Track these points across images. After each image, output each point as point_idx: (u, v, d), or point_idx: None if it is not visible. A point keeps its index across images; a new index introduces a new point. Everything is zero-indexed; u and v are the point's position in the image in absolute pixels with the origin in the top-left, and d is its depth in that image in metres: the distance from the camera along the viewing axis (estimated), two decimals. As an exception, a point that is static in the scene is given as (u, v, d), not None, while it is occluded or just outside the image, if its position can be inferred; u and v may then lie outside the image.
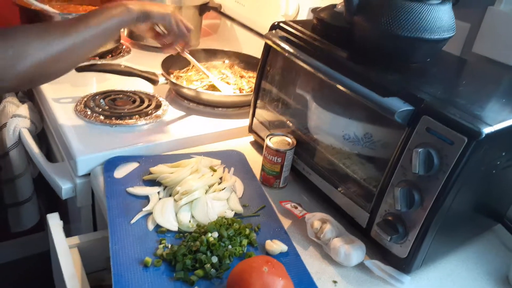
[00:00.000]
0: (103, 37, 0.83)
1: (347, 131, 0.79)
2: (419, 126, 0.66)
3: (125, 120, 1.04)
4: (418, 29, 0.72)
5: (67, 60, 0.78)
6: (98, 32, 0.80)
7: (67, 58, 0.77)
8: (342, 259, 0.74)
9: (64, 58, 0.76)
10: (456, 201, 0.66)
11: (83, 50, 0.80)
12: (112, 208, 0.80)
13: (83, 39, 0.78)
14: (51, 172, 0.98)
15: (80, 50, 0.79)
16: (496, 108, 0.70)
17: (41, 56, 0.72)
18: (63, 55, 0.75)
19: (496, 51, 0.89)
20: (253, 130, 1.06)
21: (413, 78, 0.74)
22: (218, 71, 1.29)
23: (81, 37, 0.77)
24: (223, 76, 1.27)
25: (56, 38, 0.74)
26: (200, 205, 0.80)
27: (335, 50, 0.83)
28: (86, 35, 0.78)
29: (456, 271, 0.78)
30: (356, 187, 0.79)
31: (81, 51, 0.80)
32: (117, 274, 0.67)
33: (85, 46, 0.79)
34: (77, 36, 0.77)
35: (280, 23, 0.93)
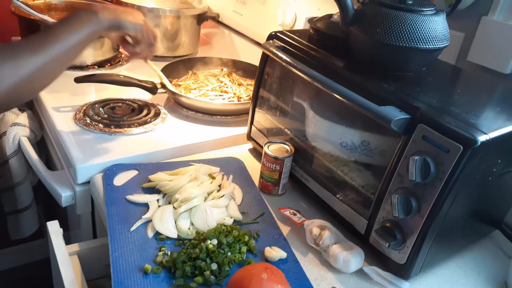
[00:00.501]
0: (75, 50, 0.79)
1: (345, 139, 0.80)
2: (415, 134, 0.67)
3: (124, 128, 1.05)
4: (413, 39, 0.73)
5: (42, 78, 0.74)
6: (69, 46, 0.76)
7: (41, 76, 0.74)
8: (341, 266, 0.74)
9: (38, 77, 0.72)
10: (453, 208, 0.67)
11: (56, 65, 0.76)
12: (111, 215, 0.81)
13: (54, 55, 0.74)
14: (50, 180, 0.98)
15: (53, 66, 0.75)
16: (491, 116, 0.71)
17: (14, 79, 0.68)
18: (36, 74, 0.72)
19: (491, 59, 0.91)
20: (252, 137, 1.06)
21: (409, 87, 0.75)
22: (216, 79, 1.31)
23: (52, 53, 0.73)
24: (221, 84, 1.28)
25: (26, 58, 0.70)
26: (199, 212, 0.81)
27: (331, 59, 0.84)
28: (56, 51, 0.74)
29: (455, 277, 0.78)
30: (354, 194, 0.80)
31: (55, 67, 0.76)
32: (117, 282, 0.68)
33: (57, 61, 0.75)
34: (48, 53, 0.73)
35: (277, 33, 0.95)
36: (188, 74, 1.34)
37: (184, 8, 1.50)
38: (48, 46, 0.73)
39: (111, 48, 1.38)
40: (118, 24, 0.85)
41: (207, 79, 1.31)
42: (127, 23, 0.87)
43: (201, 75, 1.33)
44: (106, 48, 1.36)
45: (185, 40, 1.53)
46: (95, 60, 1.36)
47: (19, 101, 0.77)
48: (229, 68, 1.39)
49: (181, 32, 1.51)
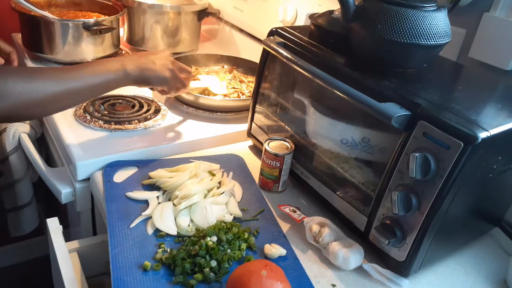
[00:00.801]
0: (92, 91, 0.81)
1: (345, 136, 0.80)
2: (416, 131, 0.67)
3: (124, 125, 1.05)
4: (415, 35, 0.73)
5: (50, 106, 0.76)
6: (85, 84, 0.78)
7: (50, 105, 0.76)
8: (340, 263, 0.74)
9: (46, 104, 0.74)
10: (453, 205, 0.67)
11: (68, 100, 0.78)
12: (111, 212, 0.81)
13: (69, 89, 0.76)
14: (50, 176, 0.98)
15: (65, 100, 0.77)
16: (492, 113, 0.71)
17: (23, 98, 0.70)
18: (46, 101, 0.74)
19: (492, 56, 0.90)
20: (252, 134, 1.06)
21: (409, 83, 0.75)
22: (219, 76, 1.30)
23: (68, 86, 0.75)
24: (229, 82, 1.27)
25: (40, 82, 0.72)
26: (199, 209, 0.81)
27: (332, 56, 0.83)
28: (72, 85, 0.76)
29: (454, 274, 0.78)
30: (354, 191, 0.80)
31: (66, 101, 0.78)
32: (116, 278, 0.68)
33: (70, 96, 0.77)
34: (62, 84, 0.75)
35: (278, 29, 0.94)
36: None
37: (185, 4, 1.49)
38: (65, 78, 0.76)
39: (111, 44, 1.38)
40: (145, 80, 0.88)
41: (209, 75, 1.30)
42: (152, 79, 0.89)
43: (203, 71, 1.33)
44: (106, 44, 1.35)
45: (185, 36, 1.53)
46: (96, 56, 1.35)
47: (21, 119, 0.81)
48: (230, 65, 1.38)
49: (182, 29, 1.51)
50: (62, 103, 0.78)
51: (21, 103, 0.70)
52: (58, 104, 0.77)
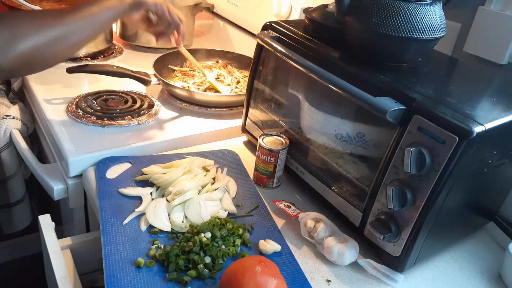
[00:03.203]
0: (96, 27, 0.84)
1: (340, 131, 0.80)
2: (410, 125, 0.66)
3: (117, 120, 1.04)
4: (409, 29, 0.72)
5: (62, 45, 0.79)
6: (91, 21, 0.82)
7: (62, 44, 0.78)
8: (335, 258, 0.74)
9: (59, 43, 0.77)
10: (449, 200, 0.66)
11: (77, 37, 0.81)
12: (104, 209, 0.80)
13: (77, 26, 0.79)
14: (42, 173, 0.97)
15: (74, 37, 0.80)
16: (487, 107, 0.71)
17: (37, 38, 0.73)
18: (58, 40, 0.77)
19: (487, 50, 0.90)
20: (246, 130, 1.06)
21: (404, 77, 0.75)
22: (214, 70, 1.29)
23: (75, 24, 0.79)
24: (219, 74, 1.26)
25: (51, 23, 0.76)
26: (193, 205, 0.80)
27: (326, 50, 0.83)
28: (80, 23, 0.80)
29: (449, 269, 0.78)
30: (349, 186, 0.79)
31: (75, 38, 0.81)
32: (109, 275, 0.67)
33: (79, 33, 0.81)
34: (72, 23, 0.78)
35: (272, 23, 0.93)
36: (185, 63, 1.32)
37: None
38: (70, 18, 0.79)
39: (104, 39, 1.36)
40: (139, 2, 0.90)
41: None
42: (147, 2, 0.91)
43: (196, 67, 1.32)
44: (99, 39, 1.34)
45: (179, 31, 1.51)
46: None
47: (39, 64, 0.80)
48: (225, 59, 1.37)
49: (175, 23, 1.49)
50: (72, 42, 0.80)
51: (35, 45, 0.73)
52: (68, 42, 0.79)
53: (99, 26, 0.85)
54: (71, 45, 0.82)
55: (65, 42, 0.79)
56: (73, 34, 0.79)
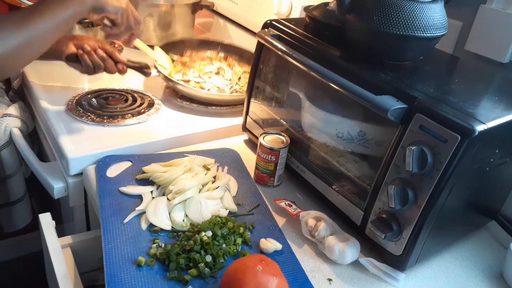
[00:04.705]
0: (58, 29, 0.81)
1: (341, 129, 0.79)
2: (412, 124, 0.66)
3: (118, 119, 1.04)
4: (411, 27, 0.72)
5: (25, 53, 0.76)
6: (53, 23, 0.78)
7: (25, 51, 0.76)
8: (336, 257, 0.74)
9: (22, 51, 0.75)
10: (450, 199, 0.66)
11: (40, 42, 0.78)
12: (104, 207, 0.80)
13: (39, 31, 0.76)
14: (43, 171, 0.97)
15: (38, 42, 0.77)
16: (488, 105, 0.70)
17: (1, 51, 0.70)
18: (21, 48, 0.74)
19: (489, 48, 0.90)
20: (247, 128, 1.05)
21: (406, 76, 0.74)
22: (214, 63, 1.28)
23: (37, 29, 0.76)
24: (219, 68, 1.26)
25: (11, 31, 0.72)
26: (193, 204, 0.80)
27: (327, 48, 0.82)
28: (42, 27, 0.76)
29: (451, 268, 0.78)
30: (350, 185, 0.79)
31: (39, 43, 0.78)
32: (110, 274, 0.67)
33: (42, 38, 0.78)
34: (33, 28, 0.75)
35: (273, 21, 0.93)
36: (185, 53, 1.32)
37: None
38: (33, 22, 0.75)
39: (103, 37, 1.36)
40: (101, 7, 0.88)
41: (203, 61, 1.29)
42: (109, 6, 0.89)
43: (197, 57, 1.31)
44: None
45: (179, 29, 1.51)
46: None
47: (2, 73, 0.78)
48: (226, 52, 1.36)
49: (175, 22, 1.49)
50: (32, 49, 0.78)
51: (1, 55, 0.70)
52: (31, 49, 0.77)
53: (60, 29, 0.81)
54: (34, 51, 0.79)
55: (28, 49, 0.76)
56: (36, 40, 0.76)
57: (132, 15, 0.98)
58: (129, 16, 0.96)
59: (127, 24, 0.97)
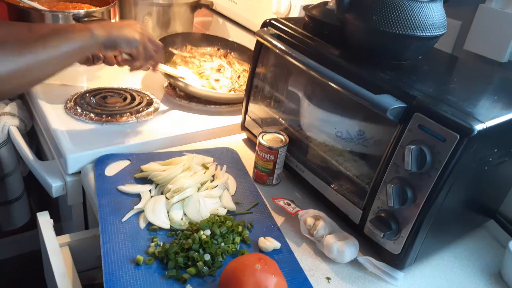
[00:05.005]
0: (61, 61, 0.77)
1: (340, 129, 0.79)
2: (411, 123, 0.66)
3: (116, 117, 1.03)
4: (410, 27, 0.72)
5: (20, 80, 0.72)
6: (56, 55, 0.75)
7: (20, 79, 0.71)
8: (335, 256, 0.74)
9: (15, 78, 0.70)
10: (449, 198, 0.66)
11: (39, 71, 0.74)
12: (103, 206, 0.79)
13: (38, 60, 0.72)
14: (41, 170, 0.97)
15: (36, 70, 0.73)
16: (487, 105, 0.70)
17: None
18: (15, 75, 0.70)
19: (487, 48, 0.90)
20: (246, 127, 1.05)
21: (405, 75, 0.74)
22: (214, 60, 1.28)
23: (36, 58, 0.72)
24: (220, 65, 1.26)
25: (9, 57, 0.68)
26: (192, 202, 0.80)
27: (326, 47, 0.82)
28: (42, 56, 0.72)
29: (449, 267, 0.78)
30: (349, 184, 0.79)
31: (37, 71, 0.74)
32: (108, 273, 0.67)
33: (41, 67, 0.74)
34: (32, 56, 0.71)
35: (272, 20, 0.93)
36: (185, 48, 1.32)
37: (177, -5, 1.47)
38: (34, 50, 0.71)
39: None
40: (113, 42, 0.83)
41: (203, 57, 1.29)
42: (122, 40, 0.85)
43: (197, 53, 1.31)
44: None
45: (178, 28, 1.50)
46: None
47: None
48: (226, 48, 1.36)
49: (174, 21, 1.48)
50: (32, 76, 0.74)
51: None
52: (28, 76, 0.73)
53: (64, 61, 0.78)
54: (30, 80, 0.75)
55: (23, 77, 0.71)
56: (33, 69, 0.72)
57: (151, 42, 0.92)
58: (146, 45, 0.91)
59: (146, 55, 0.92)
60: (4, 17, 1.32)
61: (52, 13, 1.22)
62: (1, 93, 0.73)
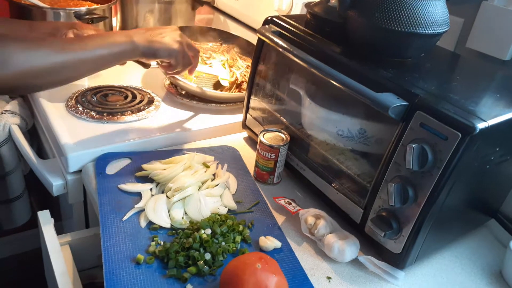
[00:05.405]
0: (97, 64, 0.79)
1: (341, 127, 0.79)
2: (413, 121, 0.66)
3: (117, 116, 1.03)
4: (412, 24, 0.71)
5: (53, 77, 0.73)
6: (93, 57, 0.76)
7: (54, 75, 0.73)
8: (336, 255, 0.73)
9: (49, 74, 0.72)
10: (450, 197, 0.66)
11: (73, 70, 0.75)
12: (103, 205, 0.79)
13: (74, 59, 0.73)
14: (42, 168, 0.97)
15: (69, 70, 0.74)
16: (490, 103, 0.70)
17: (25, 67, 0.68)
18: (49, 71, 0.71)
19: (490, 46, 0.89)
20: (247, 126, 1.05)
21: (407, 73, 0.74)
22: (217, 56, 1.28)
23: (73, 57, 0.73)
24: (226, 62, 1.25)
25: (45, 53, 0.70)
26: (193, 201, 0.80)
27: (328, 45, 0.82)
28: (79, 56, 0.74)
29: (450, 266, 0.78)
30: (350, 183, 0.79)
31: (70, 71, 0.75)
32: (109, 272, 0.67)
33: (75, 67, 0.75)
34: (69, 55, 0.73)
35: (274, 18, 0.93)
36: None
37: (178, -7, 1.47)
38: (72, 49, 0.73)
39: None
40: (153, 51, 0.85)
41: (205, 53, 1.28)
42: (161, 51, 0.85)
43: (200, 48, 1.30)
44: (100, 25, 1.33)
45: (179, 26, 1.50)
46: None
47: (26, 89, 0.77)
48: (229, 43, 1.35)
49: (175, 18, 1.48)
50: (66, 74, 0.75)
51: (24, 72, 0.68)
52: (62, 74, 0.74)
53: (100, 63, 0.79)
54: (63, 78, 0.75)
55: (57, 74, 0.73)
56: (68, 67, 0.73)
57: (189, 49, 0.92)
58: (185, 54, 0.91)
59: (184, 62, 0.92)
60: (6, 15, 1.31)
61: (53, 11, 1.22)
62: (32, 87, 0.74)
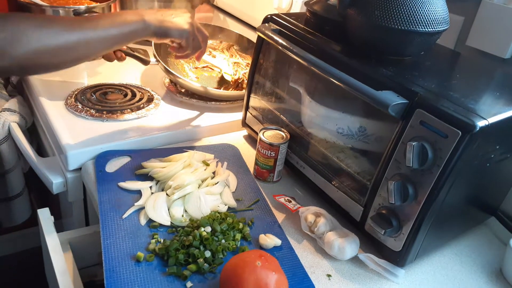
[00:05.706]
0: (109, 42, 0.79)
1: (341, 125, 0.79)
2: (413, 119, 0.66)
3: (117, 114, 1.03)
4: (412, 22, 0.71)
5: (65, 56, 0.74)
6: (105, 36, 0.76)
7: (65, 54, 0.73)
8: (336, 253, 0.73)
9: (61, 53, 0.72)
10: (450, 195, 0.66)
11: (85, 49, 0.76)
12: (103, 202, 0.79)
13: (86, 38, 0.74)
14: (41, 166, 0.96)
15: (81, 49, 0.75)
16: (490, 101, 0.70)
17: (37, 45, 0.68)
18: (61, 50, 0.72)
19: (490, 44, 0.89)
20: (247, 124, 1.05)
21: (407, 71, 0.74)
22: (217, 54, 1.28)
23: (85, 35, 0.74)
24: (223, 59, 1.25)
25: (57, 31, 0.70)
26: (193, 199, 0.80)
27: (328, 43, 0.82)
28: (91, 35, 0.74)
29: (450, 264, 0.78)
30: (350, 181, 0.79)
31: (83, 50, 0.75)
32: (109, 269, 0.67)
33: (87, 46, 0.75)
34: (81, 34, 0.73)
35: (273, 16, 0.92)
36: None
37: (178, -9, 1.46)
38: (84, 28, 0.74)
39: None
40: (164, 32, 0.85)
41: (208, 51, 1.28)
42: (173, 31, 0.86)
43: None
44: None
45: (179, 24, 1.50)
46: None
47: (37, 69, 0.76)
48: (229, 41, 1.35)
49: (175, 16, 1.48)
50: (78, 53, 0.75)
51: (35, 50, 0.68)
52: (74, 53, 0.75)
53: (112, 42, 0.79)
54: (76, 56, 0.76)
55: (69, 53, 0.73)
56: (80, 46, 0.74)
57: (199, 33, 0.92)
58: (195, 36, 0.91)
59: (194, 45, 0.92)
60: (4, 11, 1.31)
61: (52, 8, 1.21)
62: (46, 66, 0.74)
